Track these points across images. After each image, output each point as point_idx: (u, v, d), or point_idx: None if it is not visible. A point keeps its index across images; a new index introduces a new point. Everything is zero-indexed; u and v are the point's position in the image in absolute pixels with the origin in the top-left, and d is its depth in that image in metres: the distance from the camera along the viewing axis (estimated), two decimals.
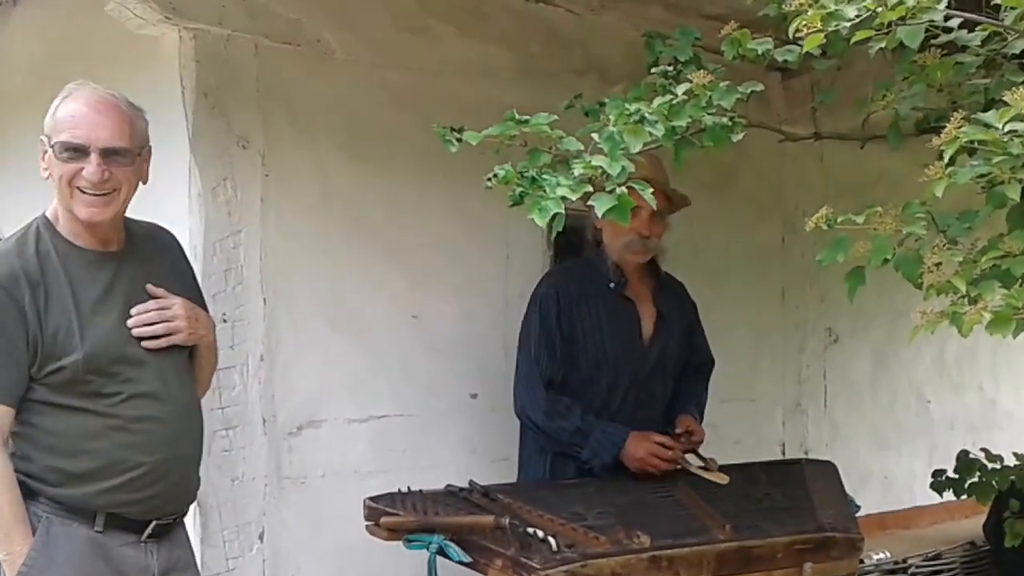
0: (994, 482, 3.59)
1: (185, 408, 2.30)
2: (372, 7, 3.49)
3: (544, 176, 2.19)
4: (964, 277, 2.02)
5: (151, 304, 2.25)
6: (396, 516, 2.57)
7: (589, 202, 2.20)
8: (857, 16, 2.11)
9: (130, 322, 2.21)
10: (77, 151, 2.13)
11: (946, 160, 2.01)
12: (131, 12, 2.98)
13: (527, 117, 2.28)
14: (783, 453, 4.85)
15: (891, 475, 5.57)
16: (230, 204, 3.18)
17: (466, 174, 3.66)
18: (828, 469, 3.23)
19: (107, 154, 2.14)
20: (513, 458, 3.72)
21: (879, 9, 2.08)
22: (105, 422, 2.14)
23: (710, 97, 2.37)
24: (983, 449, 3.82)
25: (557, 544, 2.41)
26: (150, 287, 2.28)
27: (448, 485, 2.82)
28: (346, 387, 3.40)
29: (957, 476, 3.71)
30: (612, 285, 3.18)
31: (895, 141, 2.62)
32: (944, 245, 2.06)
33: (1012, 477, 3.48)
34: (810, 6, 2.14)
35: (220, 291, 3.14)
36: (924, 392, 5.81)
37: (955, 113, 2.04)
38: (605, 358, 3.16)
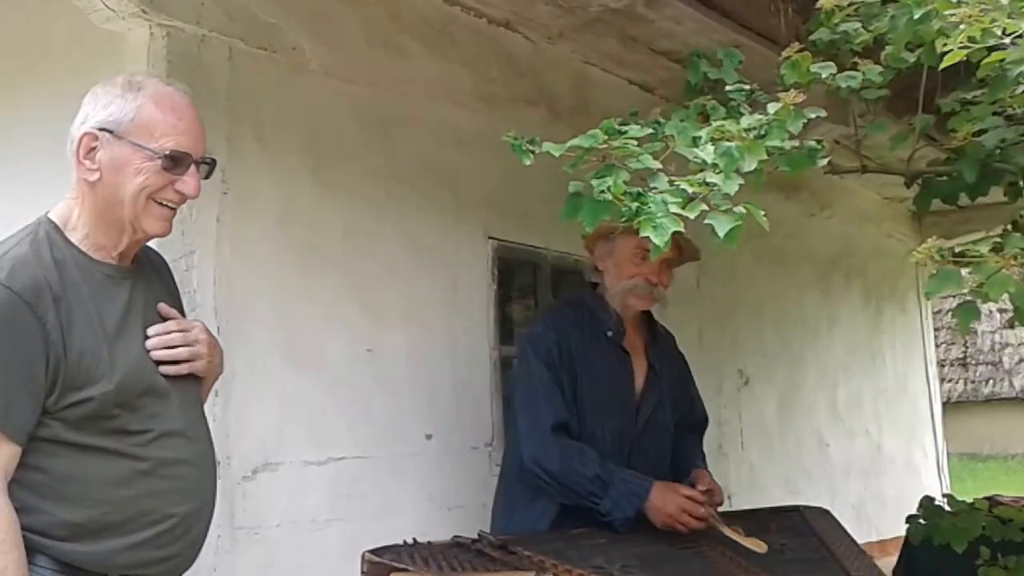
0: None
1: (207, 449, 1.99)
2: (347, 17, 3.28)
3: (649, 194, 2.01)
4: None
5: (172, 325, 1.94)
6: (408, 571, 2.31)
7: (706, 221, 2.03)
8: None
9: (151, 343, 1.89)
10: (178, 161, 1.85)
11: None
12: (102, 3, 2.65)
13: (626, 128, 2.11)
14: None
15: None
16: (184, 223, 2.83)
17: (417, 200, 3.50)
18: (828, 517, 3.14)
19: (199, 165, 1.90)
20: (469, 506, 3.52)
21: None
22: (132, 466, 1.81)
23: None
24: (946, 495, 3.83)
25: None
26: (163, 307, 1.98)
27: (456, 536, 2.57)
28: (303, 426, 3.10)
29: (925, 523, 3.66)
30: (609, 334, 2.95)
31: (971, 174, 2.57)
32: None
33: (983, 524, 3.46)
34: (965, 22, 2.06)
35: None
36: (823, 437, 5.91)
37: None
38: (600, 413, 2.89)
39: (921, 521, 3.68)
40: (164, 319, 1.96)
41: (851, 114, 3.00)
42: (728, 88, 2.69)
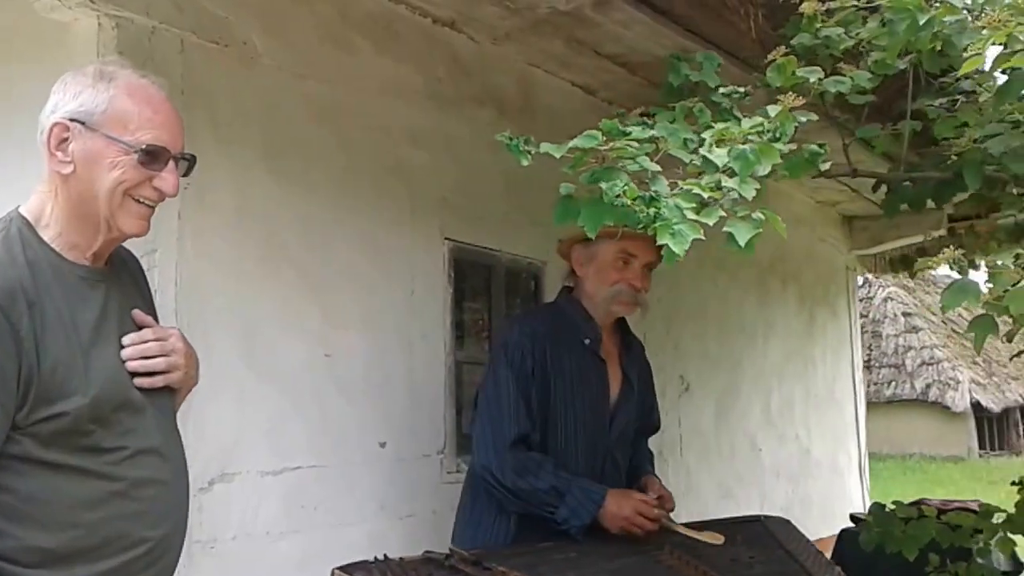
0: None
1: (181, 467, 1.88)
2: (296, 12, 3.19)
3: (661, 198, 1.95)
4: None
5: (148, 334, 1.82)
6: None
7: (725, 228, 1.97)
8: None
9: (127, 353, 1.76)
10: (155, 156, 1.74)
11: None
12: None
13: (630, 129, 2.05)
14: None
15: None
16: None
17: (375, 199, 3.42)
18: (789, 527, 3.10)
19: (178, 161, 1.79)
20: (420, 514, 3.45)
21: None
22: (106, 486, 1.68)
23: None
24: (895, 502, 3.84)
25: None
26: (138, 314, 1.85)
27: (427, 551, 2.48)
28: (261, 434, 2.98)
29: (879, 529, 3.62)
30: (587, 341, 2.88)
31: (973, 180, 2.58)
32: None
33: (933, 532, 3.46)
34: (992, 27, 2.05)
35: None
36: (756, 441, 5.95)
37: None
38: (575, 423, 2.82)
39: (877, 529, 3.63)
40: (139, 326, 1.85)
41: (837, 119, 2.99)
42: (722, 91, 2.66)
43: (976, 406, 20.80)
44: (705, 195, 1.97)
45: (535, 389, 2.78)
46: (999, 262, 2.10)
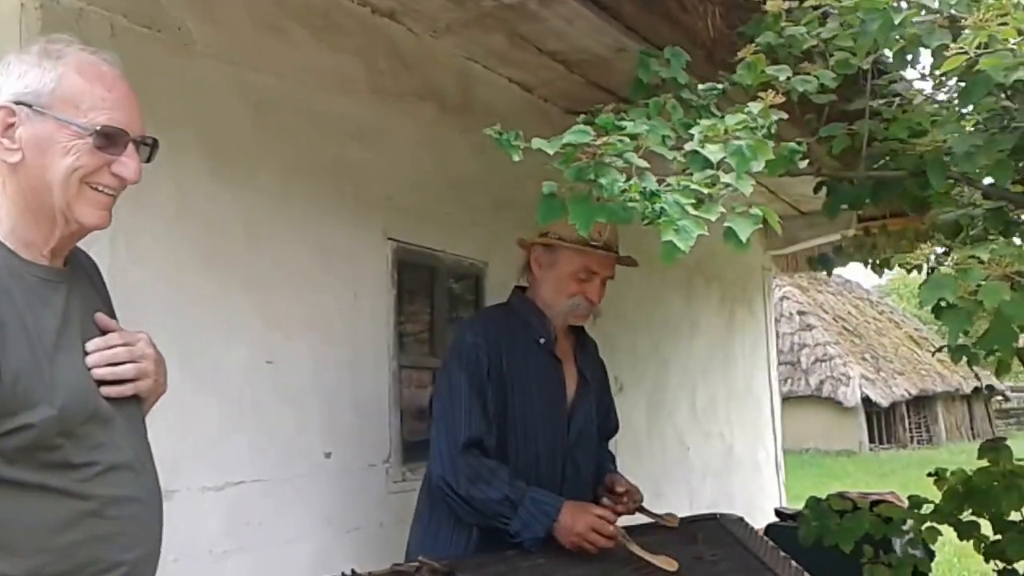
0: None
1: (154, 482, 1.72)
2: None
3: (660, 193, 1.85)
4: None
5: (114, 338, 1.66)
6: None
7: (725, 224, 1.89)
8: None
9: (93, 359, 1.60)
10: (112, 139, 1.58)
11: None
12: None
13: (626, 124, 1.95)
14: None
15: None
16: None
17: (317, 197, 3.26)
18: (744, 525, 3.06)
19: (139, 144, 1.64)
20: (366, 528, 3.30)
21: None
22: (78, 506, 1.52)
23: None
24: (845, 495, 3.83)
25: None
26: (101, 318, 1.70)
27: (395, 564, 2.35)
28: (201, 448, 2.79)
29: (817, 523, 3.60)
30: (542, 341, 2.79)
31: (937, 179, 2.56)
32: None
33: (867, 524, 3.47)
34: (976, 27, 2.02)
35: None
36: (685, 439, 5.94)
37: None
38: (533, 425, 2.73)
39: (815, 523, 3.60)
40: (103, 331, 1.68)
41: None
42: (701, 88, 2.59)
43: (866, 401, 21.44)
44: (705, 191, 1.89)
45: (492, 391, 2.68)
46: (984, 256, 2.07)
